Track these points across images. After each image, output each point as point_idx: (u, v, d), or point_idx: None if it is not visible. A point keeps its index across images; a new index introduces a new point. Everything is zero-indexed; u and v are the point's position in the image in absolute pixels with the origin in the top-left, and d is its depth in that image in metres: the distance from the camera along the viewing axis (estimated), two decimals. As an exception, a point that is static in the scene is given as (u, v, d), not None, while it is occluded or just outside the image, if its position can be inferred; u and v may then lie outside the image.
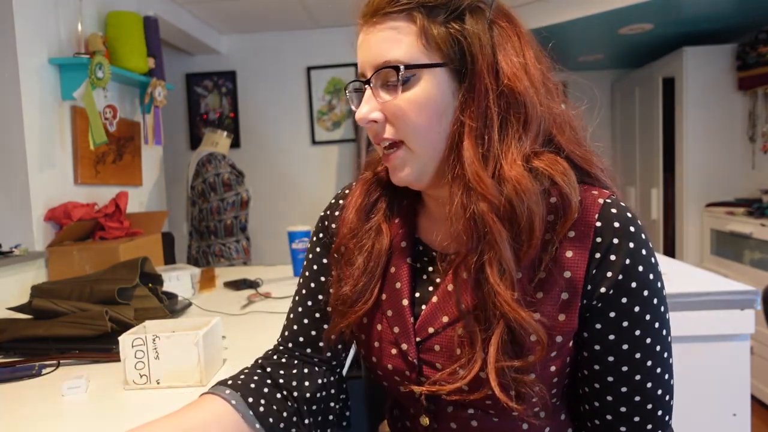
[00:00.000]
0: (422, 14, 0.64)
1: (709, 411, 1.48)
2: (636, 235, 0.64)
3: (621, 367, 0.66)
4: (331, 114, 3.92)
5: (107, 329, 1.15)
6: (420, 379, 0.71)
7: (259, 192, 3.90)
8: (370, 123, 0.67)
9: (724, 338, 1.49)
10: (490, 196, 0.61)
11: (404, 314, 0.72)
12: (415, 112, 0.64)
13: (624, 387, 0.66)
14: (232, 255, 2.77)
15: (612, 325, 0.65)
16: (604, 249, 0.64)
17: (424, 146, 0.66)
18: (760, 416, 2.67)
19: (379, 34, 0.65)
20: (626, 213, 0.65)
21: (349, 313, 0.74)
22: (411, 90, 0.64)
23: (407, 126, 0.65)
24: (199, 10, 3.31)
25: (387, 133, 0.67)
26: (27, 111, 1.87)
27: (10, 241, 1.85)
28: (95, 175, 2.19)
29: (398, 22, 0.64)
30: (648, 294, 0.64)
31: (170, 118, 3.86)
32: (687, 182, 3.40)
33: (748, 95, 3.29)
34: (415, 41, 0.64)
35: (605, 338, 0.65)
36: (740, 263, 3.06)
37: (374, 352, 0.75)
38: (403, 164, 0.68)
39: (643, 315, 0.65)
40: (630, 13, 2.89)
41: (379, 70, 0.65)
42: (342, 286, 0.75)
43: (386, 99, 0.66)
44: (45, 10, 1.98)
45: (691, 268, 1.82)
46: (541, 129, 0.66)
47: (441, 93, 0.64)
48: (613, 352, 0.66)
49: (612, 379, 0.66)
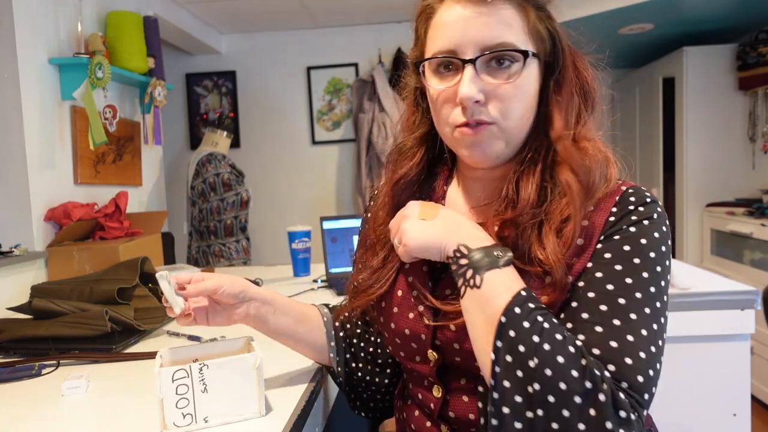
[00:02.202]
0: (532, 7, 0.70)
1: (709, 411, 1.48)
2: (652, 208, 0.70)
3: (606, 285, 0.64)
4: (331, 114, 3.92)
5: (107, 329, 1.15)
6: (435, 342, 0.75)
7: (259, 192, 3.90)
8: (474, 103, 0.69)
9: (724, 338, 1.49)
10: (577, 168, 0.69)
11: (423, 278, 0.77)
12: (519, 97, 0.70)
13: (604, 305, 0.63)
14: (232, 255, 2.77)
15: (609, 247, 0.67)
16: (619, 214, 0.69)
17: (515, 129, 0.71)
18: (760, 416, 2.67)
19: (487, 17, 0.68)
20: (645, 193, 0.72)
21: (362, 296, 0.82)
22: (519, 76, 0.69)
23: (509, 109, 0.70)
24: (199, 10, 3.31)
25: (488, 113, 0.69)
26: (27, 111, 1.87)
27: (10, 241, 1.85)
28: (95, 175, 2.19)
29: (508, 10, 0.69)
30: (646, 242, 0.67)
31: (170, 118, 3.86)
32: (687, 182, 3.40)
33: (748, 95, 3.29)
34: (524, 30, 0.69)
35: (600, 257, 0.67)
36: (740, 263, 3.06)
37: (393, 318, 0.79)
38: (490, 141, 0.71)
39: (631, 257, 0.66)
40: (630, 13, 2.89)
41: (492, 52, 0.68)
42: (361, 271, 0.84)
43: (492, 81, 0.69)
44: (45, 10, 1.98)
45: (691, 268, 1.82)
46: (598, 115, 0.76)
47: (534, 81, 0.72)
48: (602, 269, 0.66)
49: (593, 295, 0.64)
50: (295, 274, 1.93)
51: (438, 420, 0.78)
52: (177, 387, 0.77)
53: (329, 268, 1.84)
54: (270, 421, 0.81)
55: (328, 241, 1.87)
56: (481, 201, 0.79)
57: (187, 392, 0.78)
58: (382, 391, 0.94)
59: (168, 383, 0.77)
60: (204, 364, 0.78)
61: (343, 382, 0.93)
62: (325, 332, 0.92)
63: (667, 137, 3.61)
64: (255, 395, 0.81)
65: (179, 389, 0.78)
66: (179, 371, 0.77)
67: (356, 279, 0.85)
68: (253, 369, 0.80)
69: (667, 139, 3.61)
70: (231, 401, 0.80)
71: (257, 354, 0.81)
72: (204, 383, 0.79)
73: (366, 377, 0.92)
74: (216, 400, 0.79)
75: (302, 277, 1.92)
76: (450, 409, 0.76)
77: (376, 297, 0.81)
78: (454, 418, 0.76)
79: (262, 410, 0.82)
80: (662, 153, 3.65)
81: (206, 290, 0.81)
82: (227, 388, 0.80)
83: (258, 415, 0.82)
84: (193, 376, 0.78)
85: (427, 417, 0.80)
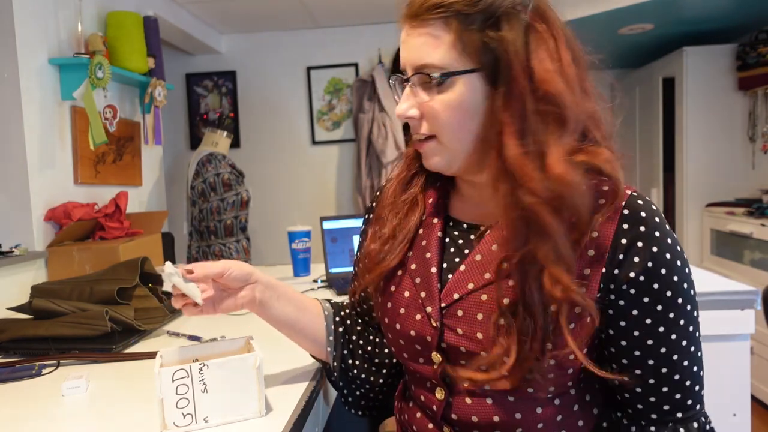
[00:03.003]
0: (459, 21, 0.67)
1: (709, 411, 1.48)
2: (661, 225, 0.68)
3: (659, 349, 0.69)
4: (331, 114, 3.92)
5: (107, 329, 1.15)
6: (441, 345, 0.74)
7: (259, 192, 3.90)
8: (408, 118, 0.73)
9: (724, 338, 1.49)
10: (540, 192, 0.64)
11: (432, 280, 0.77)
12: (448, 113, 0.69)
13: (664, 368, 0.69)
14: (232, 255, 2.77)
15: (646, 311, 0.68)
16: (630, 236, 0.67)
17: (453, 142, 0.72)
18: (760, 416, 2.67)
19: (418, 38, 0.69)
20: (651, 205, 0.70)
21: (374, 269, 0.81)
22: (445, 93, 0.69)
23: (440, 124, 0.71)
24: (199, 10, 3.31)
25: (423, 128, 0.73)
26: (27, 111, 1.87)
27: (10, 241, 1.85)
28: (95, 175, 2.19)
29: (436, 27, 0.68)
30: (678, 280, 0.68)
31: (170, 118, 3.86)
32: (687, 182, 3.40)
33: (748, 95, 3.29)
34: (451, 47, 0.67)
35: (642, 324, 0.69)
36: (740, 263, 3.06)
37: (399, 319, 0.79)
38: (433, 154, 0.74)
39: (675, 299, 0.68)
40: (630, 13, 2.89)
41: (415, 72, 0.70)
42: (372, 243, 0.84)
43: (423, 99, 0.71)
44: (45, 11, 1.98)
45: (692, 268, 1.82)
46: (577, 127, 0.69)
47: (474, 96, 0.69)
48: (650, 336, 0.69)
49: (652, 362, 0.69)
50: (295, 274, 1.93)
51: (441, 422, 0.78)
52: (177, 387, 0.77)
53: (329, 268, 1.85)
54: (270, 421, 0.81)
55: (328, 241, 1.87)
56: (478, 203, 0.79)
57: (187, 392, 0.78)
58: (376, 390, 0.94)
59: (168, 383, 0.76)
60: (204, 364, 0.78)
61: (338, 378, 0.92)
62: (325, 326, 0.92)
63: (667, 137, 3.61)
64: (255, 395, 0.81)
65: (179, 389, 0.77)
66: (179, 371, 0.77)
67: (366, 252, 0.84)
68: (253, 369, 0.80)
69: (667, 139, 3.61)
70: (231, 401, 0.80)
71: (257, 354, 0.80)
72: (204, 383, 0.78)
73: (361, 375, 0.92)
74: (216, 400, 0.79)
75: (302, 277, 1.92)
76: (453, 411, 0.76)
77: (389, 269, 0.81)
78: (457, 420, 0.76)
79: (262, 410, 0.82)
80: (662, 153, 3.65)
81: (213, 273, 0.81)
82: (227, 388, 0.79)
83: (258, 415, 0.82)
84: (193, 376, 0.77)
85: (429, 419, 0.80)
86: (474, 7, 0.66)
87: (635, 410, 0.73)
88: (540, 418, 0.72)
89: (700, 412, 0.73)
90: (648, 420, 0.72)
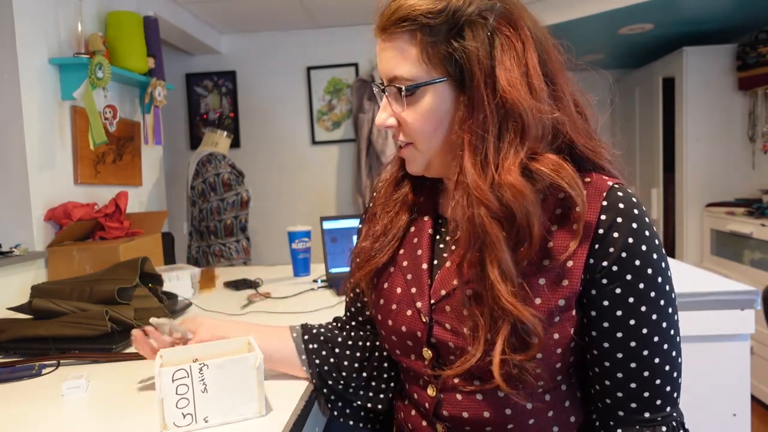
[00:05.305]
0: (423, 34, 0.68)
1: (709, 411, 1.48)
2: (639, 217, 0.68)
3: (629, 343, 0.68)
4: (331, 114, 3.92)
5: (107, 329, 1.15)
6: (430, 340, 0.76)
7: (259, 192, 3.90)
8: (387, 127, 0.76)
9: (724, 338, 1.49)
10: (487, 202, 0.66)
11: (422, 277, 0.79)
12: (420, 122, 0.72)
13: (633, 363, 0.69)
14: (232, 255, 2.77)
15: (618, 302, 0.68)
16: (606, 226, 0.68)
17: (428, 148, 0.75)
18: (760, 416, 2.67)
19: (388, 51, 0.71)
20: (632, 197, 0.69)
21: (366, 266, 0.84)
22: (416, 103, 0.71)
23: (414, 132, 0.74)
24: (199, 10, 3.31)
25: (401, 136, 0.76)
26: (27, 111, 1.87)
27: (10, 241, 1.85)
28: (95, 175, 2.19)
29: (403, 40, 0.69)
30: (652, 272, 0.68)
31: (170, 118, 3.86)
32: (687, 182, 3.40)
33: (748, 95, 3.29)
34: (418, 60, 0.69)
35: (612, 315, 0.69)
36: (740, 263, 3.06)
37: (391, 315, 0.81)
38: (412, 159, 0.78)
39: (648, 292, 0.68)
40: (630, 13, 2.89)
41: (387, 84, 0.73)
42: (364, 240, 0.86)
43: (397, 109, 0.74)
44: (45, 10, 1.98)
45: (691, 268, 1.82)
46: (544, 132, 0.68)
47: (443, 104, 0.71)
48: (620, 329, 0.69)
49: (621, 356, 0.69)
50: (295, 274, 1.93)
51: (433, 419, 0.79)
52: (177, 387, 0.77)
53: (329, 268, 1.85)
54: (270, 421, 0.81)
55: (328, 241, 1.87)
56: None
57: (187, 392, 0.78)
58: (370, 396, 0.93)
59: (168, 383, 0.77)
60: (204, 364, 0.78)
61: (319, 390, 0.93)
62: (295, 347, 0.93)
63: (667, 137, 3.61)
64: (255, 395, 0.81)
65: (179, 389, 0.77)
66: (179, 371, 0.77)
67: (359, 249, 0.87)
68: (253, 369, 0.80)
69: (667, 139, 3.61)
70: (231, 401, 0.80)
71: (257, 354, 0.80)
72: (204, 383, 0.78)
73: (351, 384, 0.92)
74: (216, 400, 0.79)
75: (302, 277, 1.92)
76: (444, 407, 0.77)
77: (380, 264, 0.83)
78: (449, 417, 0.76)
79: (262, 410, 0.82)
80: (662, 153, 3.65)
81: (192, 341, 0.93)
82: (227, 388, 0.79)
83: (258, 415, 0.82)
84: (193, 376, 0.78)
85: (422, 416, 0.81)
86: (437, 18, 0.67)
87: (604, 405, 0.73)
88: (531, 413, 0.73)
89: (671, 416, 0.71)
90: (615, 419, 0.72)
